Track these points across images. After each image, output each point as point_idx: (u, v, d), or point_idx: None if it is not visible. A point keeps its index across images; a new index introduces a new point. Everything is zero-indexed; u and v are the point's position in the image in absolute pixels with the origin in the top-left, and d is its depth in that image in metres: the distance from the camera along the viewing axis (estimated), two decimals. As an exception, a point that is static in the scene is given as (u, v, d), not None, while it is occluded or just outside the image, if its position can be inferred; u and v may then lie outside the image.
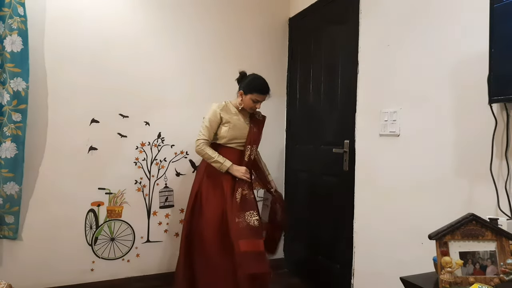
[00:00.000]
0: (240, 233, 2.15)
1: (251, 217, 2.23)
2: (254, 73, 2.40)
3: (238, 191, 2.25)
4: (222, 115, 2.33)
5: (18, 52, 2.24)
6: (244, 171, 2.29)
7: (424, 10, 1.84)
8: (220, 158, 2.28)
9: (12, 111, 2.25)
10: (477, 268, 1.20)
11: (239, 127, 2.35)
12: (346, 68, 2.44)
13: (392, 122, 2.01)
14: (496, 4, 1.33)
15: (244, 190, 2.28)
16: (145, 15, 2.71)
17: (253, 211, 2.25)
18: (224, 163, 2.27)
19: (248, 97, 2.31)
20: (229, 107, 2.38)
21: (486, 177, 1.50)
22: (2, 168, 2.25)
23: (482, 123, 1.53)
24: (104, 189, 2.61)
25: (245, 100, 2.33)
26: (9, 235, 2.32)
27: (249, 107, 2.35)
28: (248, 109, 2.37)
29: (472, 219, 1.21)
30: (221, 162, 2.27)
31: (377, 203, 2.13)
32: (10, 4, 2.21)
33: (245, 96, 2.32)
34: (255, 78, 2.35)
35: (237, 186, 2.27)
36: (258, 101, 2.33)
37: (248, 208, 2.25)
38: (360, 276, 2.27)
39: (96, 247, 2.59)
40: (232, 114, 2.37)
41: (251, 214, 2.24)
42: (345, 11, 2.44)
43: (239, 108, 2.37)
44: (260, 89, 2.31)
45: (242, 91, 2.34)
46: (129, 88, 2.66)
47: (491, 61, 1.36)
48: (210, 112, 2.34)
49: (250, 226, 2.19)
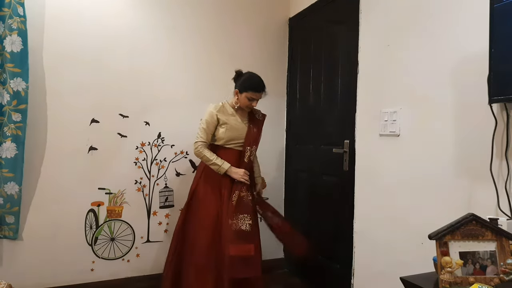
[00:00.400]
0: (231, 237, 2.14)
1: (244, 220, 2.20)
2: (250, 71, 2.39)
3: (235, 194, 2.23)
4: (219, 116, 2.32)
5: (18, 52, 2.24)
6: (242, 174, 2.27)
7: (424, 10, 1.84)
8: (218, 160, 2.27)
9: (12, 111, 2.25)
10: (477, 268, 1.20)
11: (236, 128, 2.34)
12: (346, 68, 2.44)
13: (392, 122, 2.01)
14: (496, 4, 1.33)
15: (242, 192, 2.26)
16: (145, 15, 2.71)
17: (247, 214, 2.21)
18: (222, 166, 2.25)
19: (243, 95, 2.31)
20: (226, 107, 2.38)
21: (486, 177, 1.49)
22: (3, 168, 2.26)
23: (482, 123, 1.53)
24: (104, 189, 2.61)
25: (240, 98, 2.33)
26: (9, 235, 2.32)
27: (245, 106, 2.34)
28: (244, 107, 2.36)
29: (472, 219, 1.21)
30: (219, 164, 2.25)
31: (377, 203, 2.13)
32: (10, 4, 2.21)
33: (240, 95, 2.32)
34: (250, 76, 2.34)
35: (234, 188, 2.26)
36: (253, 99, 2.32)
37: (243, 211, 2.22)
38: (360, 276, 2.27)
39: (96, 247, 2.59)
40: (229, 115, 2.36)
41: (244, 217, 2.20)
42: (345, 11, 2.44)
43: (235, 108, 2.37)
44: (255, 87, 2.30)
45: (237, 90, 2.34)
46: (129, 88, 2.66)
47: (491, 61, 1.36)
48: (207, 114, 2.34)
49: (241, 230, 2.16)
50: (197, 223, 2.28)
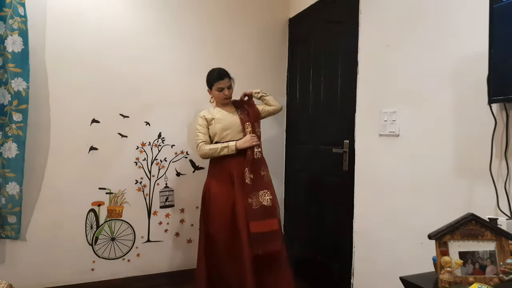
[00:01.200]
0: (251, 215, 2.20)
1: (265, 196, 2.25)
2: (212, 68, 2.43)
3: (246, 175, 2.25)
4: (207, 117, 2.40)
5: (19, 52, 2.24)
6: (249, 139, 2.29)
7: (424, 10, 1.84)
8: (223, 144, 2.30)
9: (13, 111, 2.25)
10: (477, 268, 1.20)
11: (225, 118, 2.38)
12: (346, 68, 2.44)
13: (392, 122, 2.02)
14: (496, 4, 1.33)
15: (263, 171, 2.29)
16: (145, 15, 2.71)
17: (266, 190, 2.27)
18: (229, 146, 2.29)
19: (213, 90, 2.39)
20: (212, 111, 2.44)
21: (485, 177, 1.50)
22: (5, 168, 2.26)
23: (481, 123, 1.53)
24: (105, 189, 2.62)
25: (214, 95, 2.42)
26: (11, 235, 2.33)
27: (221, 99, 2.40)
28: (221, 101, 2.41)
29: (472, 219, 1.21)
30: (226, 145, 2.29)
31: (377, 203, 2.13)
32: (10, 4, 2.21)
33: (212, 92, 2.41)
34: (209, 71, 2.43)
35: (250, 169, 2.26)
36: (222, 88, 2.36)
37: (262, 187, 2.27)
38: (360, 276, 2.27)
39: (96, 246, 2.60)
40: (216, 112, 2.42)
41: (264, 193, 2.26)
42: (345, 11, 2.44)
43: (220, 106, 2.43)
44: (216, 77, 2.36)
45: (208, 89, 2.43)
46: (130, 88, 2.66)
47: (490, 61, 1.36)
48: (198, 121, 2.42)
49: (263, 205, 2.22)
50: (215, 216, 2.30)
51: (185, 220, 2.86)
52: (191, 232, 2.85)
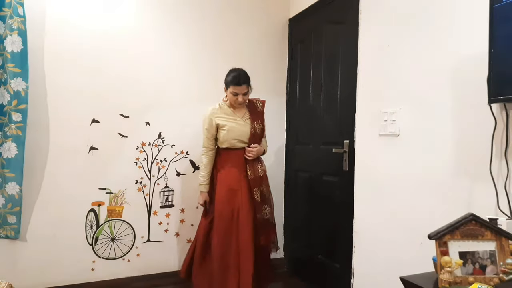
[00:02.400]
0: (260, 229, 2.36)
1: (266, 210, 2.42)
2: (237, 67, 2.41)
3: (255, 191, 2.36)
4: (217, 121, 2.37)
5: (18, 52, 2.24)
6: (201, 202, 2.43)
7: (424, 10, 1.84)
8: (202, 179, 2.41)
9: (12, 111, 2.25)
10: (477, 267, 1.20)
11: (237, 128, 2.37)
12: (346, 68, 2.44)
13: (392, 122, 2.02)
14: (496, 4, 1.33)
15: (262, 187, 2.41)
16: (147, 17, 2.71)
17: (266, 205, 2.43)
18: (200, 185, 2.43)
19: (228, 91, 2.36)
20: (223, 108, 2.41)
21: (485, 177, 1.50)
22: (4, 168, 2.26)
23: (481, 123, 1.53)
24: (105, 189, 2.62)
25: (228, 95, 2.39)
26: (11, 235, 2.33)
27: (233, 101, 2.37)
28: (233, 103, 2.38)
29: (472, 219, 1.21)
30: (200, 183, 2.43)
31: (376, 202, 2.13)
32: (10, 4, 2.21)
33: (226, 91, 2.38)
34: (230, 71, 2.38)
35: (253, 185, 2.36)
36: (237, 94, 2.33)
37: (265, 203, 2.42)
38: (360, 275, 2.27)
39: (96, 246, 2.60)
40: (227, 116, 2.39)
41: (265, 208, 2.41)
42: (345, 11, 2.44)
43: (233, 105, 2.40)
44: (234, 81, 2.31)
45: (224, 87, 2.40)
46: (130, 88, 2.66)
47: (490, 61, 1.36)
48: (205, 122, 2.40)
49: (264, 219, 2.39)
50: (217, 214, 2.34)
51: (185, 220, 2.86)
52: (191, 232, 2.84)
